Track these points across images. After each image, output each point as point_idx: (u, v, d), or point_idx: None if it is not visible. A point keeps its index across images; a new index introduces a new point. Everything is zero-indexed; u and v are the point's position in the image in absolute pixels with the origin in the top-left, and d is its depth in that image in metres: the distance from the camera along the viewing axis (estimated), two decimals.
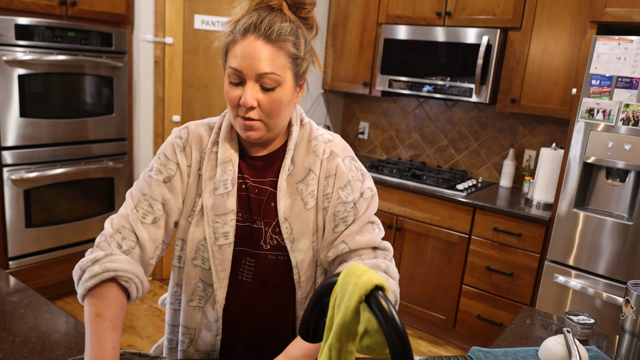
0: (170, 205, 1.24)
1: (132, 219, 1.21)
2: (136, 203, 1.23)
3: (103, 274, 1.12)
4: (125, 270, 1.14)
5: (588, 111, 2.68)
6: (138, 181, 1.27)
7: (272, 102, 1.15)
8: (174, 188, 1.24)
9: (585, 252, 2.77)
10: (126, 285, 1.15)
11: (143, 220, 1.21)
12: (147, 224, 1.22)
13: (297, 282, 1.27)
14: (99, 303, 1.11)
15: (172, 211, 1.25)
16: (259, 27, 1.13)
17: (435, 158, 4.04)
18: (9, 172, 3.10)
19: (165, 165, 1.25)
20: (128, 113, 3.67)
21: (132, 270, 1.16)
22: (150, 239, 1.22)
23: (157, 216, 1.23)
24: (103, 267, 1.12)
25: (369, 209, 1.29)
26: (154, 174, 1.25)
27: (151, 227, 1.22)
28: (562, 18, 3.05)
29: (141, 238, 1.20)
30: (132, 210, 1.22)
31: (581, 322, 1.54)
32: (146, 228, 1.21)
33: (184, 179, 1.26)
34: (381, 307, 0.73)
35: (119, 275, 1.13)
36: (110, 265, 1.13)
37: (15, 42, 2.98)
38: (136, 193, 1.25)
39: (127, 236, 1.20)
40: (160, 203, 1.23)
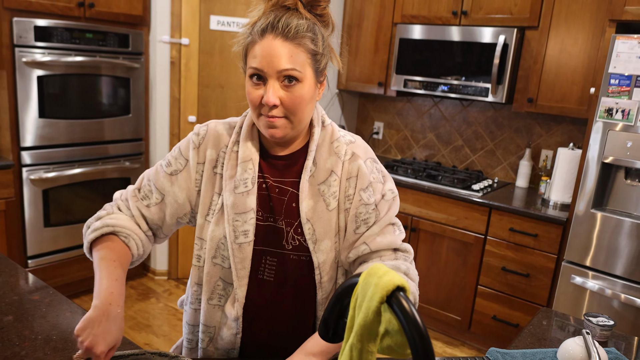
0: (169, 197, 1.30)
1: (130, 197, 1.32)
2: (141, 185, 1.34)
3: (103, 228, 1.24)
4: (123, 227, 1.25)
5: (607, 111, 2.65)
6: (153, 167, 1.35)
7: (295, 99, 1.16)
8: (177, 182, 1.30)
9: (603, 252, 2.74)
10: (125, 241, 1.25)
11: (140, 202, 1.32)
12: (142, 205, 1.31)
13: (319, 282, 1.27)
14: (101, 249, 1.22)
15: (170, 203, 1.30)
16: (276, 26, 1.14)
17: (450, 158, 4.02)
18: (28, 172, 3.14)
19: (177, 159, 1.31)
20: (144, 113, 3.70)
21: (130, 227, 1.27)
22: (141, 215, 1.31)
23: (151, 202, 1.31)
24: (103, 222, 1.25)
25: (390, 210, 1.29)
26: (165, 165, 1.33)
27: (145, 208, 1.31)
28: (580, 17, 3.02)
29: (134, 214, 1.31)
30: (134, 189, 1.34)
31: (600, 323, 1.53)
32: (139, 207, 1.31)
33: (191, 176, 1.29)
34: (402, 308, 0.73)
35: (117, 230, 1.25)
36: (110, 221, 1.25)
37: (35, 43, 3.02)
38: (146, 177, 1.34)
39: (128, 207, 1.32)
40: (160, 193, 1.31)
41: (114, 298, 1.10)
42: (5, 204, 3.08)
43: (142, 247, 1.28)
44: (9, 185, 3.08)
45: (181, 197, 1.30)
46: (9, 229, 3.12)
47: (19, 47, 2.98)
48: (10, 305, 1.44)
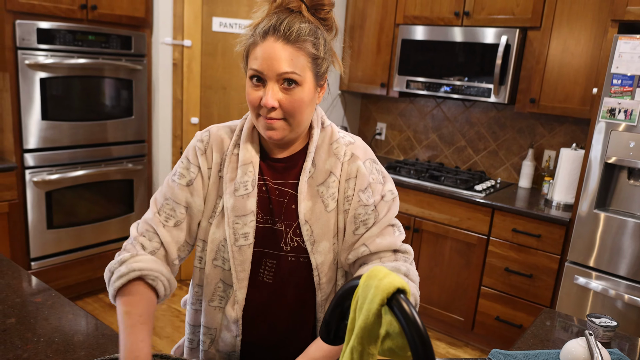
0: (193, 208, 1.27)
1: (154, 223, 1.25)
2: (159, 207, 1.27)
3: (129, 273, 1.17)
4: (151, 269, 1.19)
5: (609, 111, 2.64)
6: (162, 186, 1.31)
7: (294, 102, 1.17)
8: (195, 191, 1.27)
9: (606, 253, 2.73)
10: (152, 284, 1.19)
11: (165, 223, 1.26)
12: (169, 227, 1.26)
13: (317, 284, 1.27)
14: (127, 301, 1.16)
15: (194, 214, 1.28)
16: (278, 28, 1.14)
17: (453, 159, 4.02)
18: (31, 174, 3.15)
19: (188, 169, 1.28)
20: (147, 115, 3.70)
21: (157, 269, 1.20)
22: (172, 240, 1.26)
23: (179, 219, 1.26)
24: (129, 267, 1.17)
25: (390, 211, 1.29)
26: (177, 178, 1.28)
27: (173, 229, 1.26)
28: (582, 17, 3.02)
29: (164, 240, 1.24)
30: (154, 214, 1.27)
31: (603, 324, 1.53)
32: (168, 230, 1.25)
33: (204, 181, 1.28)
34: (403, 310, 0.73)
35: (144, 274, 1.18)
36: (135, 265, 1.18)
37: (37, 46, 3.03)
38: (160, 198, 1.29)
39: (151, 238, 1.25)
40: (184, 207, 1.27)
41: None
42: (9, 206, 3.08)
43: (169, 287, 1.24)
44: (12, 188, 3.09)
45: (200, 204, 1.28)
46: (12, 231, 3.13)
47: (22, 49, 2.99)
48: (13, 308, 1.44)
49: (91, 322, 1.42)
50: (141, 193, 3.76)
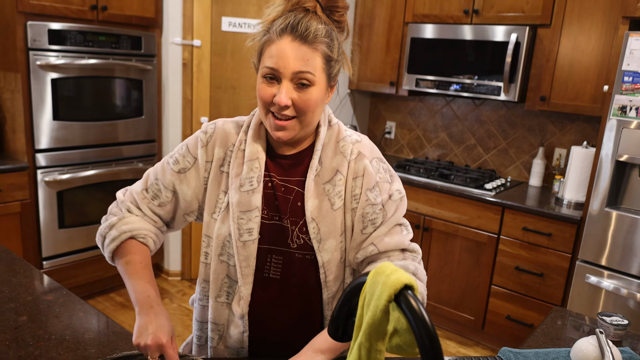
0: (179, 195, 1.32)
1: (139, 199, 1.33)
2: (149, 185, 1.34)
3: (121, 235, 1.27)
4: (139, 229, 1.29)
5: (620, 108, 2.62)
6: (157, 164, 1.37)
7: (307, 101, 1.17)
8: (186, 180, 1.31)
9: (618, 251, 2.71)
10: (143, 241, 1.30)
11: (151, 201, 1.33)
12: (153, 205, 1.33)
13: (324, 281, 1.28)
14: (125, 255, 1.27)
15: (180, 202, 1.33)
16: (295, 28, 1.15)
17: (463, 157, 4.00)
18: (42, 174, 3.17)
19: (184, 157, 1.32)
20: (157, 115, 3.72)
21: (145, 227, 1.30)
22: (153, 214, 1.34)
23: (163, 201, 1.33)
24: (119, 230, 1.28)
25: (398, 211, 1.29)
26: (172, 163, 1.33)
27: (157, 208, 1.34)
28: (593, 14, 2.99)
29: (148, 214, 1.33)
30: (142, 190, 1.34)
31: (614, 323, 1.51)
32: (151, 208, 1.33)
33: (200, 173, 1.31)
34: (411, 307, 0.73)
35: (134, 234, 1.29)
36: (125, 227, 1.28)
37: (49, 46, 3.06)
38: (152, 176, 1.35)
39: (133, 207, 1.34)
40: (171, 191, 1.33)
41: (152, 300, 1.19)
42: (21, 206, 3.11)
43: (158, 242, 1.34)
44: (24, 187, 3.12)
45: (189, 194, 1.31)
46: (24, 231, 3.16)
47: (34, 50, 3.01)
48: (25, 306, 1.46)
49: (102, 320, 1.43)
50: None
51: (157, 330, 1.12)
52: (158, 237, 1.34)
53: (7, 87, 3.14)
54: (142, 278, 1.23)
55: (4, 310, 1.42)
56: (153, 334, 1.11)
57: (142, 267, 1.25)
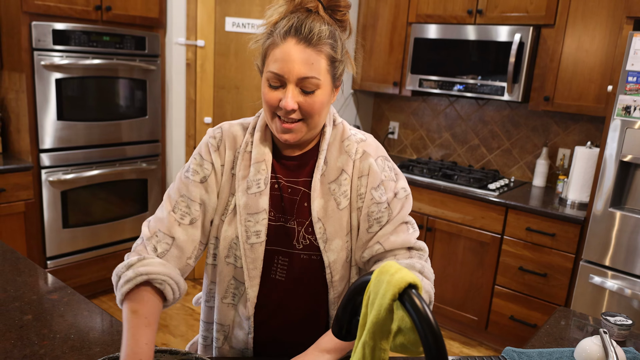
0: (207, 205, 1.26)
1: (169, 221, 1.23)
2: (174, 205, 1.25)
3: (136, 278, 1.14)
4: (158, 273, 1.16)
5: (624, 109, 2.62)
6: (174, 183, 1.29)
7: (313, 104, 1.17)
8: (210, 187, 1.26)
9: (622, 252, 2.71)
10: (160, 287, 1.17)
11: (181, 221, 1.24)
12: (184, 225, 1.24)
13: (330, 281, 1.27)
14: (134, 303, 1.14)
15: (208, 211, 1.27)
16: (299, 30, 1.14)
17: (466, 157, 4.00)
18: (47, 173, 3.18)
19: (202, 166, 1.27)
20: (161, 115, 3.73)
21: (165, 272, 1.17)
22: (188, 239, 1.24)
23: (194, 217, 1.25)
24: (136, 272, 1.14)
25: (403, 209, 1.29)
26: (191, 175, 1.26)
27: (189, 227, 1.24)
28: (597, 14, 2.99)
29: (178, 239, 1.22)
30: (169, 213, 1.24)
31: (618, 323, 1.51)
32: (184, 229, 1.23)
33: (218, 178, 1.28)
34: (415, 306, 0.73)
35: (151, 278, 1.15)
36: (142, 269, 1.15)
37: (53, 47, 3.07)
38: (174, 195, 1.27)
39: (162, 239, 1.22)
40: (199, 204, 1.25)
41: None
42: (25, 206, 3.12)
43: (177, 290, 1.21)
44: (29, 187, 3.13)
45: (214, 200, 1.27)
46: (28, 230, 3.17)
47: (38, 50, 3.02)
48: (30, 305, 1.46)
49: (106, 319, 1.44)
50: (155, 192, 3.78)
51: None
52: (179, 286, 1.21)
53: (11, 87, 3.16)
54: (141, 337, 1.09)
55: (9, 309, 1.43)
56: None
57: (145, 324, 1.11)
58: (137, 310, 1.13)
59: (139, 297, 1.15)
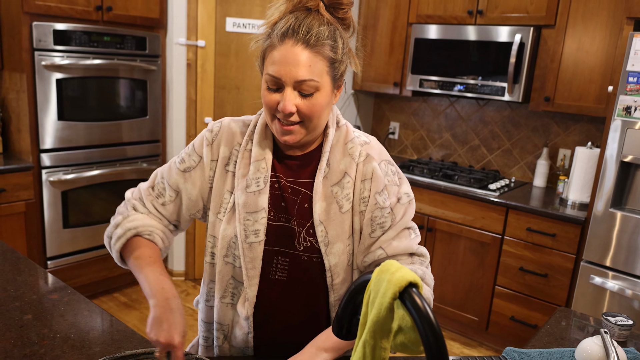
0: (183, 195, 1.31)
1: (144, 195, 1.33)
2: (155, 183, 1.34)
3: (126, 233, 1.26)
4: (144, 225, 1.28)
5: (625, 109, 2.62)
6: (168, 163, 1.37)
7: (312, 107, 1.16)
8: (191, 179, 1.30)
9: (622, 252, 2.70)
10: (149, 238, 1.28)
11: (155, 200, 1.33)
12: (157, 204, 1.33)
13: (330, 285, 1.27)
14: (132, 252, 1.25)
15: (184, 201, 1.32)
16: (297, 31, 1.12)
17: (466, 158, 4.00)
18: (47, 174, 3.18)
19: (190, 156, 1.32)
20: (161, 115, 3.73)
21: (150, 224, 1.29)
22: (157, 212, 1.33)
23: (166, 200, 1.32)
24: (124, 228, 1.26)
25: (406, 214, 1.28)
26: (178, 162, 1.33)
27: (160, 207, 1.33)
28: (597, 14, 2.99)
29: (151, 211, 1.33)
30: (148, 188, 1.34)
31: (619, 323, 1.51)
32: (155, 206, 1.33)
33: (205, 172, 1.29)
34: (415, 304, 0.73)
35: (139, 231, 1.27)
36: (130, 225, 1.27)
37: (54, 47, 3.07)
38: (159, 174, 1.35)
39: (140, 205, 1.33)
40: (174, 190, 1.32)
41: (166, 292, 1.14)
42: (25, 206, 3.12)
43: (166, 239, 1.32)
44: (29, 187, 3.12)
45: (194, 193, 1.30)
46: (29, 230, 3.16)
47: (39, 50, 3.02)
48: (30, 305, 1.46)
49: (106, 319, 1.44)
50: None
51: (171, 327, 1.08)
52: (166, 235, 1.32)
53: (12, 87, 3.16)
54: (154, 270, 1.19)
55: (9, 309, 1.43)
56: (167, 332, 1.08)
57: (152, 261, 1.22)
58: (138, 255, 1.23)
59: (134, 246, 1.26)
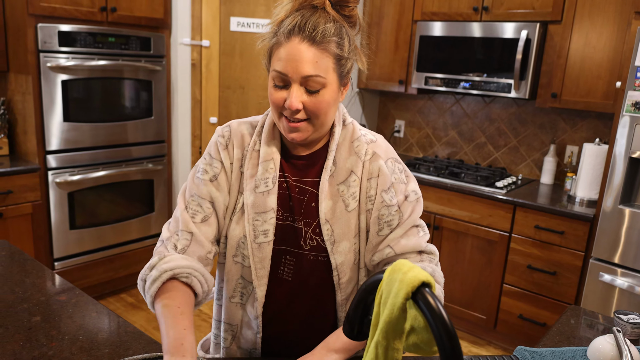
0: (219, 202, 1.26)
1: (183, 219, 1.24)
2: (186, 204, 1.26)
3: (161, 276, 1.14)
4: (182, 267, 1.16)
5: (634, 105, 2.60)
6: (187, 183, 1.30)
7: (318, 104, 1.16)
8: (220, 186, 1.26)
9: (632, 249, 2.68)
10: (187, 281, 1.17)
11: (193, 219, 1.24)
12: (197, 223, 1.24)
13: (337, 283, 1.26)
14: (164, 299, 1.14)
15: (220, 208, 1.26)
16: (303, 28, 1.12)
17: (473, 155, 3.98)
18: (53, 175, 3.19)
19: (211, 165, 1.27)
20: (166, 115, 3.73)
21: (189, 266, 1.17)
22: (202, 235, 1.24)
23: (206, 214, 1.25)
24: (160, 270, 1.15)
25: (414, 212, 1.27)
26: (201, 174, 1.27)
27: (202, 225, 1.24)
28: (604, 9, 2.96)
29: (195, 234, 1.23)
30: (182, 211, 1.25)
31: (631, 321, 1.49)
32: (197, 226, 1.24)
33: (228, 176, 1.27)
34: (428, 304, 0.72)
35: (176, 273, 1.15)
36: (165, 266, 1.15)
37: (59, 48, 3.07)
38: (187, 194, 1.28)
39: (181, 236, 1.23)
40: (209, 202, 1.25)
41: (185, 349, 1.03)
42: (32, 207, 3.13)
43: (205, 283, 1.21)
44: (36, 189, 3.13)
45: (226, 199, 1.27)
46: (35, 232, 3.17)
47: (44, 52, 3.02)
48: (38, 306, 1.46)
49: (114, 320, 1.43)
50: (161, 193, 3.78)
51: None
52: (205, 278, 1.21)
53: (18, 89, 3.16)
54: (178, 323, 1.07)
55: (17, 310, 1.43)
56: None
57: (179, 312, 1.10)
58: (168, 303, 1.12)
59: (168, 292, 1.14)
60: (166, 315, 1.09)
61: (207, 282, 1.22)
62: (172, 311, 1.10)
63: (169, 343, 1.04)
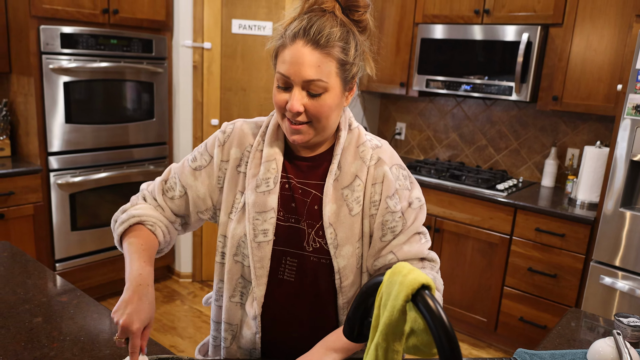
0: (192, 192, 1.33)
1: (157, 189, 1.36)
2: (168, 177, 1.37)
3: (129, 219, 1.29)
4: (148, 215, 1.30)
5: (634, 107, 2.60)
6: (182, 161, 1.39)
7: (319, 107, 1.16)
8: (200, 177, 1.32)
9: (632, 252, 2.68)
10: (151, 229, 1.30)
11: (165, 193, 1.36)
12: (167, 197, 1.35)
13: (339, 287, 1.27)
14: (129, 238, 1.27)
15: (192, 198, 1.34)
16: (308, 32, 1.13)
17: (474, 158, 3.98)
18: (55, 176, 3.19)
19: (202, 155, 1.34)
20: (168, 117, 3.73)
21: (154, 216, 1.31)
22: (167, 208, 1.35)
23: (175, 195, 1.35)
24: (129, 214, 1.30)
25: (417, 219, 1.28)
26: (190, 160, 1.36)
27: (169, 200, 1.35)
28: (605, 12, 2.97)
29: (160, 204, 1.35)
30: (161, 181, 1.37)
31: (632, 324, 1.50)
32: (164, 199, 1.35)
33: (214, 172, 1.31)
34: (428, 307, 0.72)
35: (143, 220, 1.30)
36: (134, 212, 1.30)
37: (61, 50, 3.08)
38: (173, 170, 1.38)
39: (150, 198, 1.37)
40: (182, 186, 1.34)
41: (142, 279, 1.15)
42: (34, 209, 3.13)
43: (168, 234, 1.33)
44: (37, 190, 3.13)
45: (202, 192, 1.32)
46: (37, 233, 3.17)
47: (46, 54, 3.03)
48: (40, 307, 1.47)
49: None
50: None
51: (133, 312, 1.07)
52: (168, 230, 1.33)
53: (20, 90, 3.17)
54: (140, 258, 1.20)
55: (19, 311, 1.43)
56: (128, 316, 1.06)
57: (142, 249, 1.23)
58: (132, 241, 1.25)
59: (133, 232, 1.28)
60: (130, 250, 1.23)
61: (170, 234, 1.34)
62: (135, 247, 1.23)
63: (130, 272, 1.17)
